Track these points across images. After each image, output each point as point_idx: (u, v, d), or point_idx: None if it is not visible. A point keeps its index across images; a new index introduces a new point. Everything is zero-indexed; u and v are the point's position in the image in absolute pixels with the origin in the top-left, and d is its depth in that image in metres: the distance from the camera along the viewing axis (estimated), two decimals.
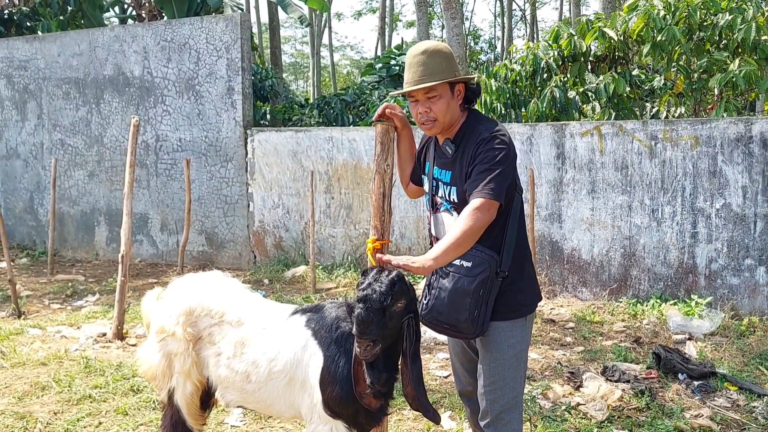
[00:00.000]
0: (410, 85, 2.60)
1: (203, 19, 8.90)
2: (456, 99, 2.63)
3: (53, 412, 4.24)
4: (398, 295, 2.41)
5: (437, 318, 2.58)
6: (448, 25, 13.10)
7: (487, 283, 2.49)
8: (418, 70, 2.57)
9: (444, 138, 2.69)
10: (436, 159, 2.75)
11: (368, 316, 2.35)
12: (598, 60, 8.21)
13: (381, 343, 2.38)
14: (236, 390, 2.90)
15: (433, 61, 2.57)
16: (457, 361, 2.96)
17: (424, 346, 5.61)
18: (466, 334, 2.57)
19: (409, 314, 2.48)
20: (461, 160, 2.59)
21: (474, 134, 2.59)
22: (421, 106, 2.61)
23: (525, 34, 35.98)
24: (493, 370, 2.63)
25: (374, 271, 2.47)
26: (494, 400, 2.64)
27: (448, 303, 2.52)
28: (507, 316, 2.60)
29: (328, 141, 8.28)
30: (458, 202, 2.59)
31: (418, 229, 7.83)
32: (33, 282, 8.19)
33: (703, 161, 6.38)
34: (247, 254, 8.87)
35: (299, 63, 47.09)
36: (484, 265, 2.48)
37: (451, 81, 2.58)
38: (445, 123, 2.63)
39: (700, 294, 6.35)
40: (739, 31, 6.91)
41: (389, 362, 2.52)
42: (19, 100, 10.18)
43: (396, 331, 2.46)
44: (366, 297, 2.38)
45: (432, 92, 2.58)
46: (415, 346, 2.50)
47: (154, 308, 3.23)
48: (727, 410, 4.25)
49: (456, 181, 2.61)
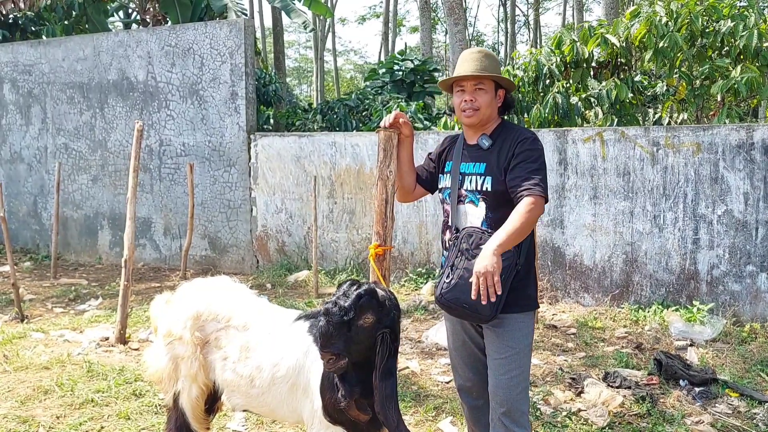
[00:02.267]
0: (463, 73, 2.85)
1: (207, 25, 8.94)
2: (496, 101, 2.90)
3: (56, 416, 4.25)
4: (364, 310, 2.42)
5: (458, 297, 2.64)
6: (452, 30, 13.14)
7: (507, 271, 2.62)
8: (473, 64, 2.84)
9: (479, 134, 2.90)
10: (464, 155, 2.93)
11: (328, 329, 2.38)
12: (601, 66, 8.22)
13: (347, 357, 2.39)
14: (241, 394, 2.92)
15: (487, 60, 2.86)
16: (457, 356, 3.02)
17: (426, 351, 5.62)
18: (481, 315, 2.64)
19: (384, 329, 2.46)
20: (498, 153, 2.81)
21: (512, 133, 2.85)
22: (468, 95, 2.85)
23: (528, 40, 36.06)
24: (509, 360, 2.77)
25: (347, 284, 2.51)
26: (511, 389, 2.76)
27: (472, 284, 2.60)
28: (521, 309, 2.79)
29: (331, 146, 8.30)
30: (491, 191, 2.78)
31: (421, 235, 7.84)
32: (36, 286, 8.22)
33: (705, 168, 6.39)
34: (250, 259, 8.89)
35: (303, 68, 47.20)
36: (507, 254, 2.61)
37: (498, 82, 2.87)
38: (485, 116, 2.86)
39: (701, 300, 6.35)
40: (741, 38, 6.93)
41: (364, 377, 2.49)
42: (24, 104, 10.23)
43: (367, 346, 2.44)
44: (328, 310, 2.42)
45: (480, 85, 2.84)
46: (388, 363, 2.47)
47: (163, 312, 3.25)
48: (728, 417, 4.26)
49: (492, 171, 2.80)
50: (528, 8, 36.08)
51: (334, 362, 2.40)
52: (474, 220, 2.81)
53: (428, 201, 7.71)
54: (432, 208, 7.72)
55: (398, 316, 2.55)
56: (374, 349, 2.45)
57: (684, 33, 7.29)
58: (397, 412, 2.47)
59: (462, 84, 2.87)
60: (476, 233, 2.71)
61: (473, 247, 2.66)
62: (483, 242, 2.62)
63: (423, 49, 19.11)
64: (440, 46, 36.46)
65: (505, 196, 2.74)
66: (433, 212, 7.72)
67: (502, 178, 2.75)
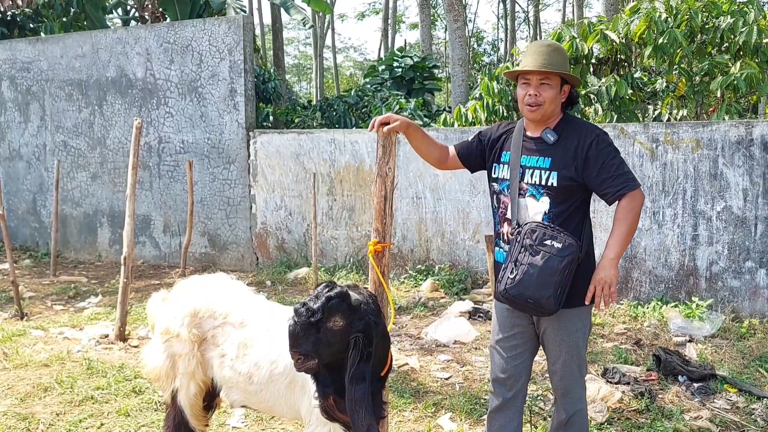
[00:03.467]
0: (530, 67, 2.82)
1: (206, 21, 8.93)
2: (560, 96, 2.87)
3: (55, 413, 4.26)
4: (333, 313, 2.41)
5: (523, 293, 2.71)
6: (451, 27, 13.13)
7: (571, 265, 2.70)
8: (540, 57, 2.81)
9: (543, 127, 2.88)
10: (525, 148, 2.91)
11: (296, 329, 2.40)
12: (600, 62, 8.22)
13: (317, 359, 2.40)
14: (240, 391, 2.93)
15: (556, 55, 2.82)
16: (503, 347, 3.04)
17: (425, 347, 5.63)
18: (546, 309, 2.72)
19: (357, 333, 2.44)
20: (565, 149, 2.81)
21: (579, 128, 2.85)
22: (533, 89, 2.83)
23: (528, 36, 36.01)
24: (568, 351, 2.90)
25: (321, 286, 2.51)
26: (569, 378, 2.94)
27: (537, 279, 2.69)
28: (581, 302, 2.83)
29: (330, 143, 8.30)
30: (557, 186, 2.79)
31: (420, 232, 7.84)
32: (36, 283, 8.22)
33: (704, 164, 6.39)
34: (250, 256, 8.89)
35: (302, 65, 47.16)
36: (571, 248, 2.69)
37: (565, 77, 2.84)
38: (547, 112, 2.85)
39: (700, 296, 6.36)
40: (740, 34, 6.92)
41: (341, 378, 2.47)
42: (22, 101, 10.22)
43: (339, 349, 2.44)
44: (296, 311, 2.43)
45: (546, 79, 2.82)
46: (359, 367, 2.42)
47: (159, 310, 3.26)
48: (727, 412, 4.26)
49: (557, 166, 2.80)
50: (528, 4, 36.04)
51: (302, 362, 2.42)
52: (534, 214, 2.83)
53: (428, 198, 7.71)
54: (431, 206, 7.73)
55: (375, 320, 2.50)
56: (347, 352, 2.43)
57: (683, 29, 7.28)
58: (368, 417, 2.41)
59: (527, 77, 2.85)
60: (539, 229, 2.75)
61: (537, 243, 2.71)
62: (546, 238, 2.70)
63: (423, 46, 19.09)
64: (440, 43, 36.42)
65: (570, 191, 2.80)
66: (432, 209, 7.73)
67: (568, 173, 2.78)
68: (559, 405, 3.03)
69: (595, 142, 2.78)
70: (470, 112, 8.55)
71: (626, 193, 2.73)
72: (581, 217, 2.85)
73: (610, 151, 2.78)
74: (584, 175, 2.78)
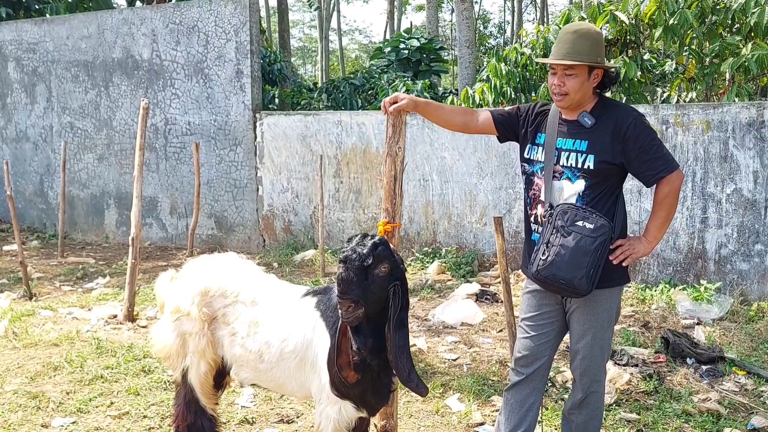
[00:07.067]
0: (553, 58, 2.82)
1: (212, 2, 8.86)
2: (591, 82, 2.82)
3: (65, 391, 4.29)
4: (380, 258, 2.48)
5: (555, 273, 2.72)
6: (458, 8, 13.01)
7: (603, 245, 2.70)
8: (564, 46, 2.79)
9: (579, 110, 2.86)
10: (560, 131, 2.89)
11: (348, 275, 2.42)
12: (609, 44, 8.12)
13: (363, 307, 2.43)
14: (250, 369, 2.93)
15: (580, 43, 2.77)
16: (529, 326, 3.03)
17: (433, 329, 5.63)
18: (578, 290, 2.72)
19: (395, 281, 2.53)
20: (603, 132, 2.79)
21: (616, 111, 2.83)
22: (558, 79, 2.82)
23: (535, 18, 35.71)
24: (594, 332, 2.89)
25: (359, 236, 2.56)
26: (593, 359, 2.93)
27: (569, 260, 2.69)
28: (613, 283, 2.87)
29: (336, 125, 8.27)
30: (594, 170, 2.78)
31: (427, 214, 7.83)
32: (44, 264, 8.26)
33: (714, 146, 6.34)
34: (257, 238, 8.90)
35: (307, 47, 46.91)
36: (603, 229, 2.69)
37: (589, 65, 2.77)
38: (575, 100, 2.82)
39: (709, 279, 6.33)
40: (752, 15, 6.82)
41: (376, 332, 2.56)
42: (29, 83, 10.20)
43: (381, 297, 2.50)
44: (347, 258, 2.46)
45: (570, 69, 2.78)
46: (401, 314, 2.54)
47: (168, 289, 3.26)
48: (735, 394, 4.26)
49: (595, 149, 2.78)
50: None
51: (352, 310, 2.42)
52: (568, 196, 2.82)
53: (435, 180, 7.69)
54: (438, 188, 7.70)
55: (405, 270, 2.63)
56: (386, 301, 2.51)
57: (694, 10, 7.18)
58: (409, 362, 2.56)
59: (553, 66, 2.84)
60: (571, 210, 2.74)
61: (568, 224, 2.72)
62: (578, 219, 2.71)
63: (429, 28, 18.94)
64: (446, 25, 36.15)
65: (606, 174, 2.79)
66: (439, 192, 7.70)
67: (605, 157, 2.76)
68: (577, 385, 3.03)
69: (632, 125, 2.76)
70: (478, 93, 8.49)
71: (665, 176, 2.74)
72: (614, 198, 2.84)
73: (649, 134, 2.76)
74: (623, 158, 2.77)
